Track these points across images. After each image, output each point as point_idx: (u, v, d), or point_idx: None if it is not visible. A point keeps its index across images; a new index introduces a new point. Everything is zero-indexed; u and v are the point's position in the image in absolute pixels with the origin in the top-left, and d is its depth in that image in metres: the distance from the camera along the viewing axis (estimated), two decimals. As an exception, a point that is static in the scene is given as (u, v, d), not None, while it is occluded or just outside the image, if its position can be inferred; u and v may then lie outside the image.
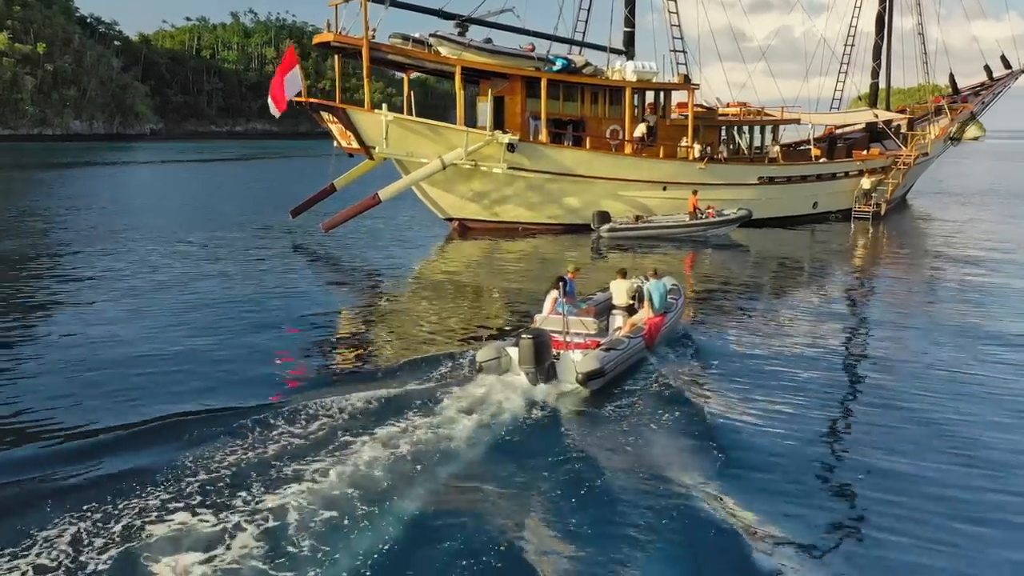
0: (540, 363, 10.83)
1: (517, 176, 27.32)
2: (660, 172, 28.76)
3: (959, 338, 14.77)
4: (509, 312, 16.72)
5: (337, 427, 9.62)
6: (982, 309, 17.38)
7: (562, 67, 27.82)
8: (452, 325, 15.48)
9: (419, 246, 26.54)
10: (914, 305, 18.23)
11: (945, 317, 16.56)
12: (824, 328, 15.67)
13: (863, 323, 16.92)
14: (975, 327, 15.64)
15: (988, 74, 43.08)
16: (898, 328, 16.02)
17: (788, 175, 31.53)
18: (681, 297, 14.62)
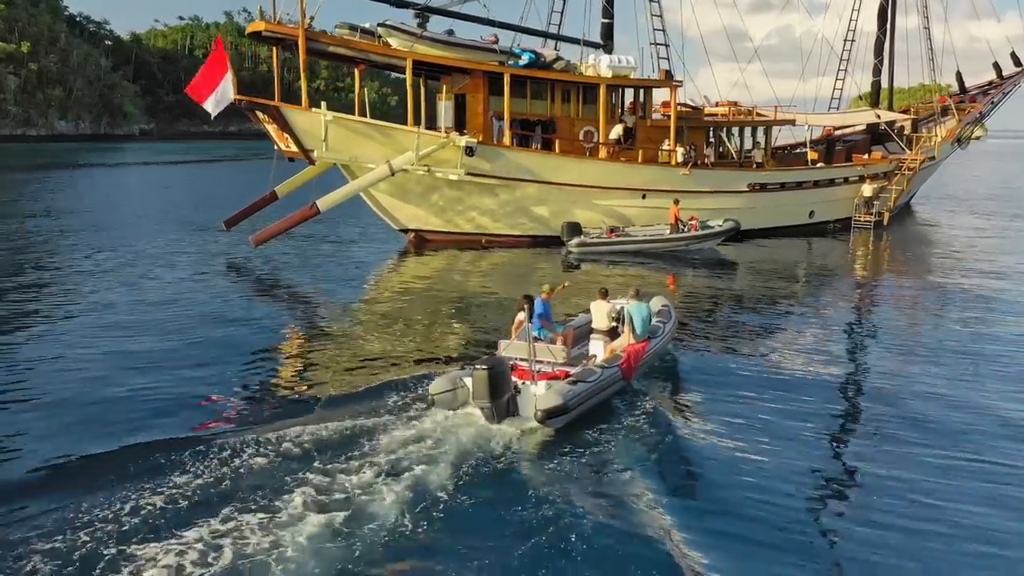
0: (496, 397, 9.78)
1: (479, 183, 24.49)
2: (639, 178, 25.91)
3: (969, 367, 13.38)
4: (469, 336, 15.01)
5: (267, 468, 8.76)
6: (996, 335, 15.53)
7: (529, 61, 24.97)
8: (403, 352, 13.84)
9: (370, 261, 23.87)
10: (921, 329, 16.42)
11: (955, 342, 14.98)
12: (821, 355, 14.14)
13: (864, 349, 15.19)
14: (988, 356, 14.07)
15: (997, 72, 40.22)
16: (903, 355, 14.28)
17: (781, 181, 28.68)
18: (671, 320, 13.33)
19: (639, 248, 23.85)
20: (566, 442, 9.73)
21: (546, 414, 9.60)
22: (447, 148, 23.37)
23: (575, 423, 10.05)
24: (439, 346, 14.37)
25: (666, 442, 9.85)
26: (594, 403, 10.44)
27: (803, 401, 11.60)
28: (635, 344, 11.62)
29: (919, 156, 31.62)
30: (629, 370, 11.28)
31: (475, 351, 13.54)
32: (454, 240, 25.58)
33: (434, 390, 10.19)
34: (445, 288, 19.69)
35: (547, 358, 10.87)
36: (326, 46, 22.45)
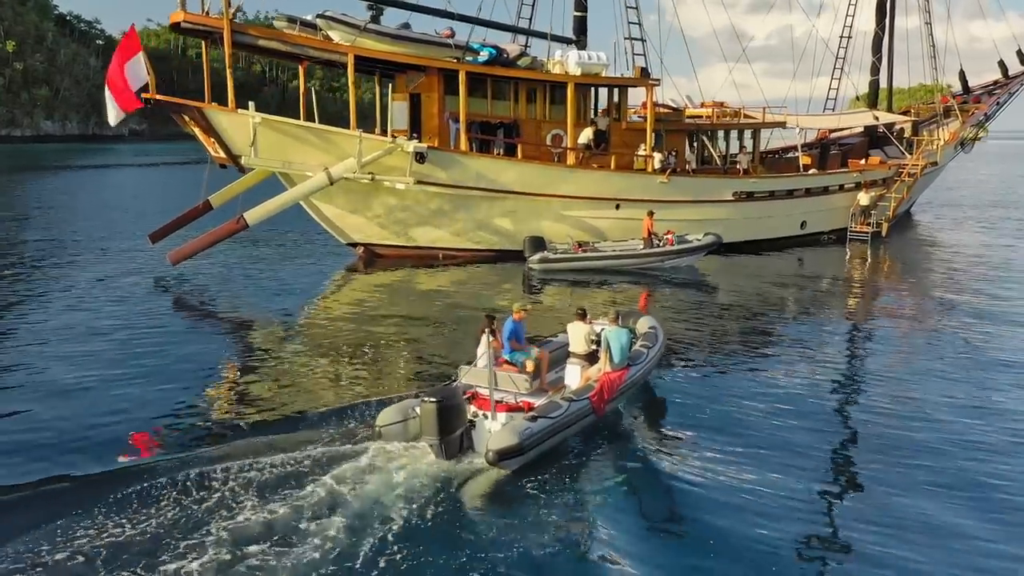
0: (446, 433, 9.02)
1: (433, 192, 22.09)
2: (611, 187, 23.49)
3: (975, 396, 12.25)
4: (421, 361, 13.79)
5: (185, 507, 8.18)
6: (1005, 363, 14.06)
7: (489, 58, 22.53)
8: (348, 379, 12.80)
9: (316, 278, 21.55)
10: (921, 355, 14.81)
11: (957, 368, 13.64)
12: (810, 384, 12.84)
13: (858, 376, 13.73)
14: (997, 387, 12.65)
15: (1002, 70, 37.78)
16: (901, 384, 12.93)
17: (770, 189, 26.24)
18: (656, 344, 12.17)
19: (608, 265, 21.42)
20: (525, 481, 8.86)
21: (497, 455, 8.67)
22: (395, 154, 20.98)
23: (537, 460, 9.14)
24: (386, 373, 13.16)
25: (639, 483, 9.07)
26: (557, 441, 9.48)
27: (790, 436, 10.59)
28: (611, 373, 10.52)
29: (920, 161, 29.18)
30: (601, 403, 10.18)
31: (428, 378, 12.35)
32: (408, 255, 23.20)
33: (382, 421, 9.41)
34: (397, 308, 17.94)
35: (509, 388, 10.02)
36: (255, 39, 20.04)
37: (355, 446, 9.54)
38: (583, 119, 24.53)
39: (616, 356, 10.62)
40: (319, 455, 9.25)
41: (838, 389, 12.79)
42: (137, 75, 19.16)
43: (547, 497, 8.63)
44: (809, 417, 11.29)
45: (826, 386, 12.81)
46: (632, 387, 11.06)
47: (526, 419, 9.18)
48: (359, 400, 11.43)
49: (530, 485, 8.85)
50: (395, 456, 9.22)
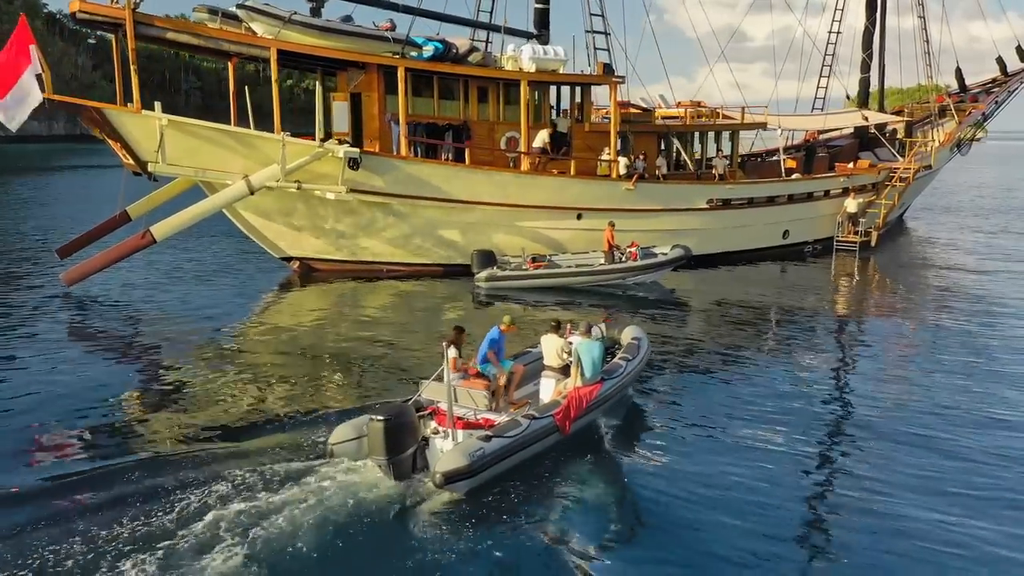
0: (395, 452, 8.66)
1: (373, 202, 20.01)
2: (572, 194, 21.38)
3: (966, 422, 11.41)
4: (360, 386, 12.77)
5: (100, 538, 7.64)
6: (999, 395, 12.66)
7: (435, 53, 20.41)
8: (277, 406, 11.66)
9: (244, 296, 19.49)
10: (911, 380, 13.54)
11: (951, 396, 12.47)
12: (788, 413, 11.68)
13: (840, 402, 12.58)
14: (991, 420, 11.53)
15: (1001, 68, 35.67)
16: (885, 418, 11.71)
17: (749, 196, 24.12)
18: (637, 357, 11.61)
19: (564, 282, 19.30)
20: (480, 499, 8.52)
21: (445, 478, 8.26)
22: (325, 160, 18.87)
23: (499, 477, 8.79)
24: (316, 400, 12.06)
25: (602, 502, 8.79)
26: (515, 462, 9.03)
27: (768, 467, 9.77)
28: (581, 389, 10.02)
29: (913, 164, 27.05)
30: (566, 421, 9.69)
31: (363, 405, 11.21)
32: (348, 270, 21.10)
33: (335, 439, 9.04)
34: (333, 327, 16.52)
35: (468, 404, 9.68)
36: (163, 32, 17.90)
37: (293, 465, 9.14)
38: (542, 120, 22.45)
39: (587, 370, 10.18)
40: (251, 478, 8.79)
41: (819, 414, 11.80)
42: (24, 84, 17.01)
43: (500, 516, 8.29)
44: (789, 442, 10.57)
45: (806, 411, 11.82)
46: (606, 403, 10.56)
47: (479, 439, 8.75)
48: (279, 431, 10.64)
49: (485, 503, 8.49)
50: (346, 474, 8.89)
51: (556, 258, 20.72)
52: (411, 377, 12.28)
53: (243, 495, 8.45)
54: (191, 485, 8.70)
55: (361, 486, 8.68)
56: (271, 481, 8.74)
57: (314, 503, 8.27)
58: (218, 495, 8.44)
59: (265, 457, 9.46)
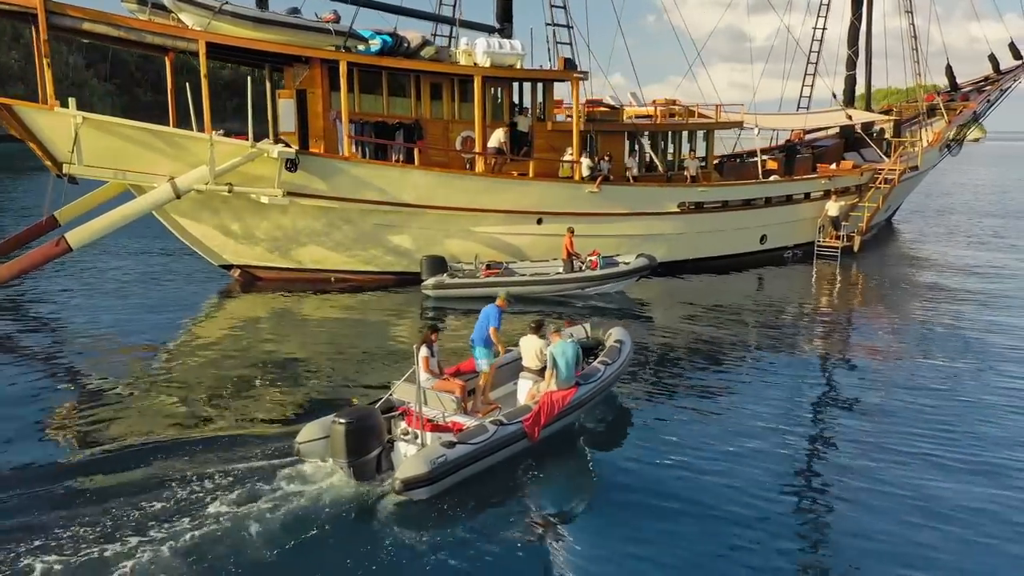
0: (357, 455, 8.66)
1: (319, 206, 18.71)
2: (532, 198, 20.05)
3: (946, 444, 10.63)
4: (296, 403, 11.86)
5: None
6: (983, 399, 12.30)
7: (383, 46, 19.07)
8: (209, 427, 10.88)
9: (182, 306, 18.13)
10: (893, 392, 12.77)
11: (934, 410, 11.83)
12: (760, 426, 11.12)
13: (813, 420, 11.74)
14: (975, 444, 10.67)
15: (994, 66, 34.33)
16: (870, 427, 11.29)
17: (723, 199, 22.79)
18: (617, 360, 11.36)
19: (517, 292, 17.91)
20: (446, 506, 8.52)
21: (404, 484, 8.31)
22: (261, 161, 17.54)
23: None
24: (249, 415, 11.30)
25: (570, 513, 8.65)
26: (480, 468, 9.00)
27: (740, 481, 9.35)
28: (554, 394, 9.87)
29: (898, 166, 25.70)
30: (535, 428, 9.57)
31: (304, 415, 10.71)
32: (293, 278, 19.77)
33: (302, 438, 9.11)
34: (275, 340, 15.37)
35: (436, 407, 9.64)
36: (78, 23, 16.54)
37: (238, 467, 9.12)
38: (502, 119, 21.11)
39: (563, 372, 10.02)
40: None
41: (794, 429, 11.13)
42: None
43: (460, 520, 8.30)
44: (764, 456, 10.12)
45: (781, 427, 11.15)
46: (581, 408, 10.38)
47: (442, 445, 8.71)
48: (220, 439, 10.22)
49: (446, 506, 8.51)
50: (311, 474, 8.98)
51: (514, 266, 19.42)
52: (353, 392, 11.63)
53: (185, 507, 8.32)
54: (116, 509, 8.36)
55: (322, 486, 8.75)
56: (214, 490, 8.64)
57: (272, 504, 8.29)
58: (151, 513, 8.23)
59: (199, 471, 9.16)
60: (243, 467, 9.18)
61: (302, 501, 8.45)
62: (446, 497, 8.62)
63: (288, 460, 9.25)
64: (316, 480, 8.87)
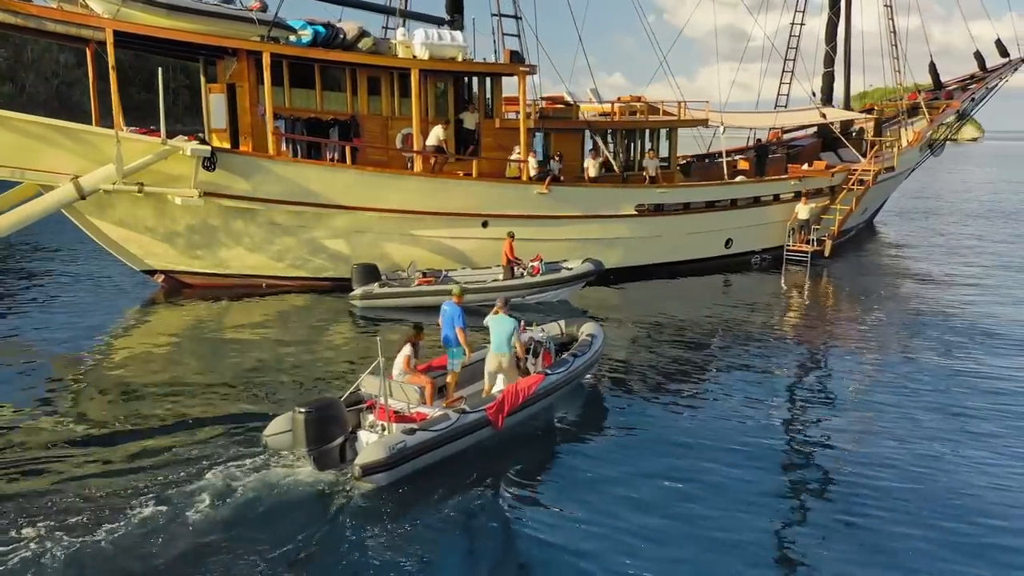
0: (319, 443, 8.78)
1: (248, 208, 17.53)
2: (475, 200, 18.85)
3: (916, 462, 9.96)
4: (224, 416, 11.05)
5: None
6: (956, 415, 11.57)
7: (315, 37, 17.87)
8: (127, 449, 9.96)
9: (101, 313, 17.00)
10: (855, 407, 12.13)
11: (904, 429, 11.09)
12: (721, 438, 10.55)
13: (777, 436, 11.03)
14: None
15: (980, 63, 33.12)
16: (834, 443, 10.70)
17: (684, 201, 21.59)
18: (587, 354, 11.49)
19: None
20: (406, 494, 8.63)
21: (363, 470, 8.41)
22: (177, 159, 16.35)
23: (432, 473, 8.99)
24: (169, 431, 10.57)
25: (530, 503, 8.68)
26: (443, 455, 9.15)
27: None
28: (519, 383, 10.17)
29: (872, 166, 24.48)
30: (499, 416, 9.71)
31: (232, 436, 10.20)
32: (222, 284, 18.57)
33: (269, 431, 9.28)
34: (195, 353, 14.41)
35: (401, 399, 9.73)
36: (-34, 10, 15.34)
37: None
38: (447, 115, 19.92)
39: (493, 345, 10.53)
40: None
41: (759, 441, 10.56)
42: None
43: (419, 508, 8.49)
44: (726, 476, 9.54)
45: (743, 438, 10.64)
46: (547, 397, 10.60)
47: (403, 432, 8.94)
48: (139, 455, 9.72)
49: (406, 494, 8.68)
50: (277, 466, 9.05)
51: (454, 273, 18.21)
52: (278, 407, 10.90)
53: None
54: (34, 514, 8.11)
55: (286, 476, 8.83)
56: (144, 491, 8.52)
57: (233, 495, 8.38)
58: None
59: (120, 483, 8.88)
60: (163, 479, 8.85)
61: (264, 491, 8.52)
62: (410, 485, 8.75)
63: (247, 452, 9.34)
64: (280, 470, 8.94)
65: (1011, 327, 16.64)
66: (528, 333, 11.70)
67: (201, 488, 8.50)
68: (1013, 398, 12.36)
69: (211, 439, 10.07)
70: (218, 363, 13.59)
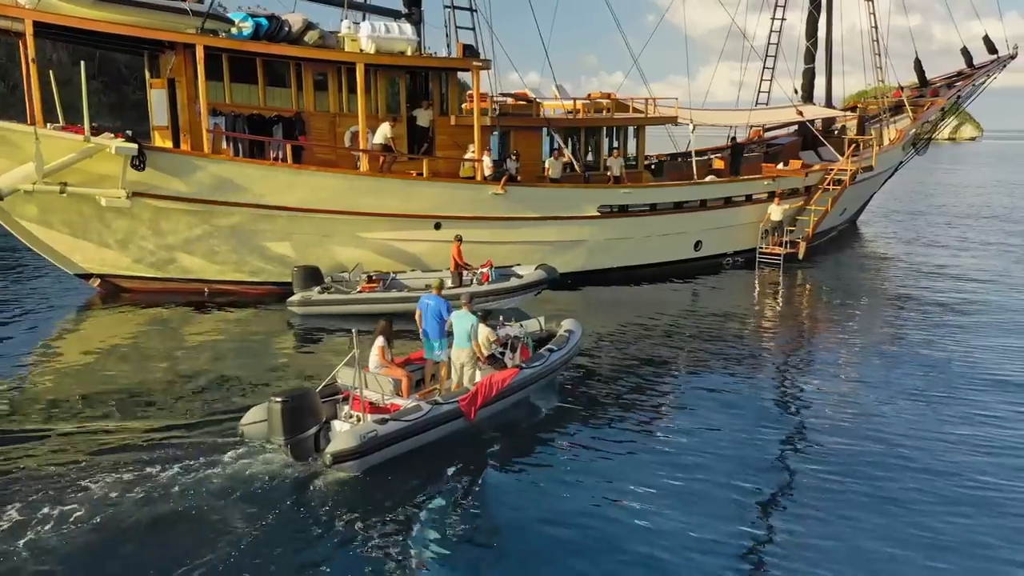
0: (294, 432, 8.92)
1: (185, 210, 16.71)
2: (426, 200, 18.01)
3: None
4: (164, 427, 10.55)
5: None
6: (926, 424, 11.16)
7: (256, 30, 17.03)
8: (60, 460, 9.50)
9: (35, 318, 16.27)
10: (820, 415, 11.70)
11: (873, 437, 10.67)
12: (684, 464, 9.80)
13: (744, 446, 10.49)
14: None
15: (967, 60, 32.31)
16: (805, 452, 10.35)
17: (651, 202, 20.74)
18: (563, 349, 11.80)
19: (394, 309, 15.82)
20: (378, 483, 8.85)
21: (334, 457, 8.69)
22: (102, 158, 15.52)
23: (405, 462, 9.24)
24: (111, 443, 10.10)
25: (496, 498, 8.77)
26: (414, 445, 9.43)
27: None
28: (494, 375, 10.41)
29: (849, 166, 23.62)
30: (472, 407, 9.93)
31: (176, 449, 9.79)
32: (163, 289, 17.75)
33: (245, 420, 9.53)
34: (131, 361, 13.68)
35: (376, 390, 9.81)
36: None
37: None
38: (399, 112, 19.07)
39: (456, 340, 10.82)
40: None
41: (715, 467, 9.84)
42: None
43: (387, 497, 8.59)
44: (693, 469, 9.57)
45: (710, 451, 10.24)
46: (521, 390, 10.87)
47: (375, 422, 9.14)
48: None
49: (378, 483, 8.85)
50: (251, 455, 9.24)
51: (403, 277, 17.40)
52: (216, 420, 10.65)
53: None
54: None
55: (261, 465, 9.05)
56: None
57: (207, 484, 8.56)
58: None
59: None
60: None
61: (239, 480, 8.69)
62: (383, 475, 8.99)
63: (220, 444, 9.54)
64: (255, 459, 9.15)
65: (985, 331, 16.08)
66: (505, 329, 11.92)
67: (165, 484, 8.57)
68: (984, 401, 12.04)
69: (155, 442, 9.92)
70: (148, 372, 12.97)
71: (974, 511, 8.71)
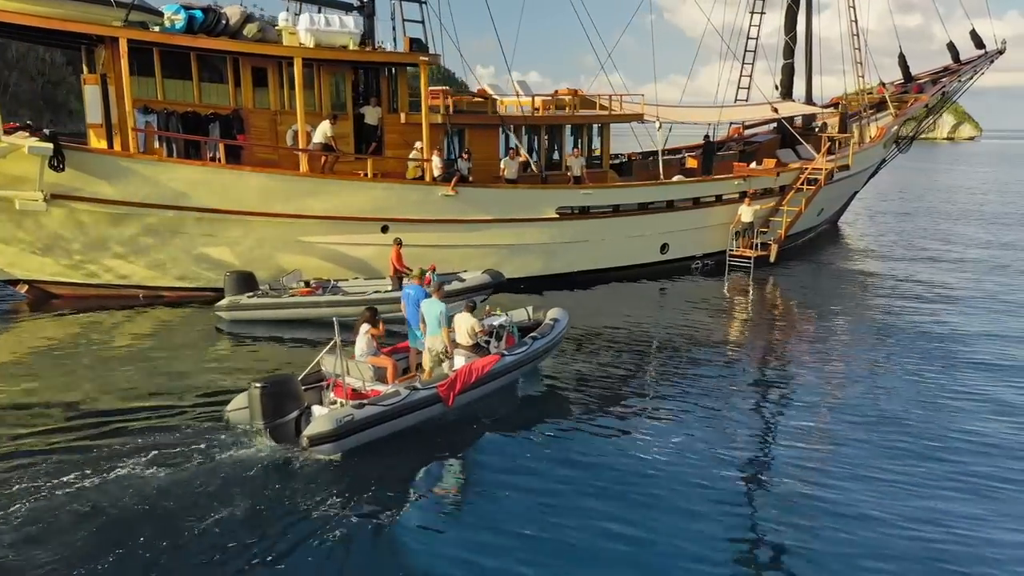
0: (274, 417, 9.24)
1: (115, 213, 15.86)
2: (372, 202, 17.14)
3: None
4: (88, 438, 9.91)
5: None
6: None
7: (190, 23, 16.13)
8: None
9: None
10: (785, 425, 11.28)
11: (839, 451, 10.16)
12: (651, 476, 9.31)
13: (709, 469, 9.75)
14: None
15: (953, 55, 31.32)
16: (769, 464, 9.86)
17: (613, 203, 19.86)
18: (546, 338, 11.88)
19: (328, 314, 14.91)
20: (352, 466, 9.06)
21: (310, 440, 8.91)
22: (17, 158, 14.65)
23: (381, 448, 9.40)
24: None
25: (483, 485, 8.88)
26: (392, 429, 9.63)
27: None
28: (474, 362, 10.52)
29: (824, 165, 22.70)
30: (450, 393, 10.06)
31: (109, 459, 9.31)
32: (94, 295, 16.91)
33: (231, 407, 9.74)
34: (68, 370, 12.91)
35: (357, 376, 10.07)
36: None
37: None
38: (344, 110, 18.18)
39: (428, 328, 10.89)
40: None
41: (687, 479, 9.46)
42: None
43: (364, 478, 8.78)
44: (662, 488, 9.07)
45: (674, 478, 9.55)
46: (503, 376, 10.96)
47: (352, 406, 9.26)
48: None
49: (360, 469, 9.01)
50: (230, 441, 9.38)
51: (344, 283, 16.54)
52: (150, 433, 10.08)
53: None
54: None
55: (241, 448, 9.24)
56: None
57: (186, 468, 8.73)
58: None
59: None
60: None
61: (218, 464, 8.88)
62: (362, 460, 9.17)
63: None
64: (236, 443, 9.33)
65: (960, 336, 15.38)
66: (491, 319, 12.12)
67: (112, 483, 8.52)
68: (960, 408, 11.64)
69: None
70: (76, 380, 12.39)
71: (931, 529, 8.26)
